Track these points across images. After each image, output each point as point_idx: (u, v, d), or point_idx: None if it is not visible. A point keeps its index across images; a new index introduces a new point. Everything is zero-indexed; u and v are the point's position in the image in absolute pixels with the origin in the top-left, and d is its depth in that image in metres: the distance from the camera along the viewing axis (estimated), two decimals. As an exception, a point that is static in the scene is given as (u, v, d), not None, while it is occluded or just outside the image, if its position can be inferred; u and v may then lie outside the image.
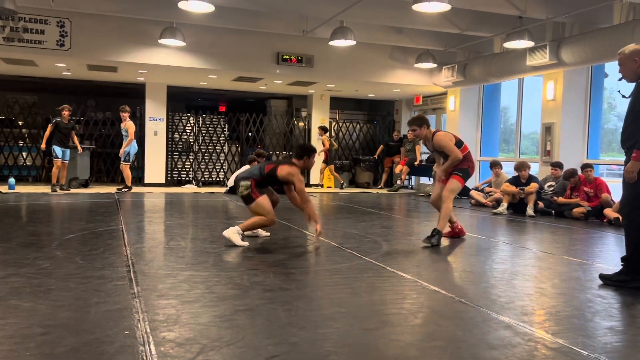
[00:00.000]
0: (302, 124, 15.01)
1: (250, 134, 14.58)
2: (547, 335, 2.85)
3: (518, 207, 8.97)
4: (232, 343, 2.60)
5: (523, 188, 8.89)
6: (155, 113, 13.06)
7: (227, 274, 4.11)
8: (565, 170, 8.75)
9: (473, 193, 10.35)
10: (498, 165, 10.17)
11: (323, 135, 13.33)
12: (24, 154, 13.23)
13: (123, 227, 6.28)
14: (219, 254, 4.85)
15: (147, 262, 4.45)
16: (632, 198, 3.98)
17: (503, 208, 8.95)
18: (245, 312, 3.11)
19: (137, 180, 12.92)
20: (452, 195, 5.76)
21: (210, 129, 14.04)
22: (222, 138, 14.15)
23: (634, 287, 3.89)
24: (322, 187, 13.89)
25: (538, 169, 10.52)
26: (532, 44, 9.14)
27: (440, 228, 5.66)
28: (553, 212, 8.80)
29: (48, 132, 10.81)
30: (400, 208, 9.91)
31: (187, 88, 14.41)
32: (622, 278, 3.98)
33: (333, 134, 15.36)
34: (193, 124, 13.87)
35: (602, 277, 4.11)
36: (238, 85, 13.70)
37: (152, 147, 13.04)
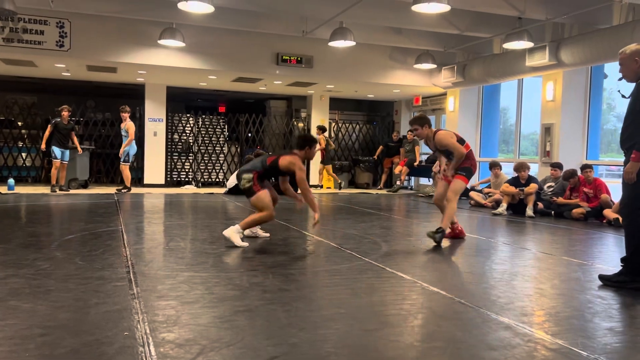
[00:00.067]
0: (301, 125, 15.01)
1: (250, 135, 14.59)
2: (546, 336, 2.85)
3: (517, 207, 8.97)
4: (231, 344, 2.60)
5: (522, 189, 8.90)
6: (155, 114, 13.06)
7: (226, 275, 4.11)
8: (565, 171, 8.75)
9: (472, 194, 10.35)
10: (497, 166, 10.17)
11: (320, 135, 13.34)
12: (24, 155, 13.22)
13: (122, 227, 6.28)
14: (219, 255, 4.85)
15: (146, 263, 4.45)
16: (631, 199, 3.98)
17: (502, 209, 8.95)
18: (245, 313, 3.11)
19: (136, 181, 12.92)
20: (456, 196, 5.82)
21: (210, 130, 14.03)
22: (221, 139, 14.15)
23: (634, 287, 3.89)
24: (321, 187, 13.89)
25: (537, 170, 10.53)
26: (531, 45, 9.15)
27: (445, 227, 5.73)
28: (552, 212, 8.81)
29: (47, 132, 10.81)
30: (400, 209, 9.90)
31: (186, 89, 14.42)
32: (621, 279, 3.98)
33: (332, 135, 15.36)
34: (192, 125, 13.87)
35: (601, 277, 4.11)
36: (237, 86, 13.70)
37: (151, 147, 13.03)
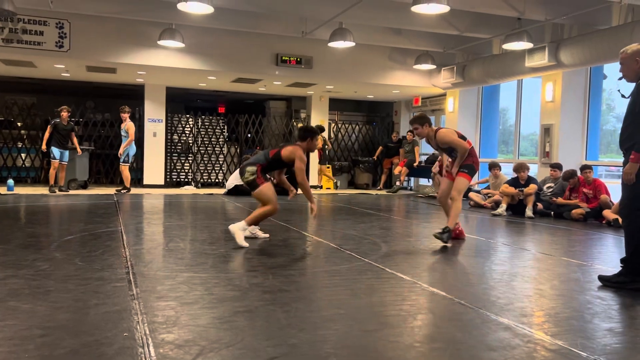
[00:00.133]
0: (301, 126, 14.99)
1: (250, 135, 14.59)
2: (546, 337, 2.85)
3: (517, 208, 8.97)
4: (231, 345, 2.60)
5: (522, 189, 8.89)
6: (154, 114, 13.06)
7: (226, 276, 4.11)
8: (565, 171, 8.75)
9: (472, 195, 10.35)
10: (497, 167, 10.17)
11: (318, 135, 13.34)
12: (23, 155, 13.21)
13: (122, 228, 6.28)
14: (218, 256, 4.84)
15: (146, 263, 4.44)
16: (630, 199, 3.98)
17: (502, 209, 8.95)
18: (245, 313, 3.11)
19: (136, 182, 12.92)
20: (460, 195, 5.83)
21: (210, 130, 14.03)
22: (221, 139, 14.15)
23: (634, 288, 3.89)
24: (320, 188, 13.90)
25: (537, 170, 10.53)
26: (531, 46, 9.16)
27: (451, 225, 5.74)
28: (552, 213, 8.81)
29: (47, 133, 10.81)
30: (400, 209, 9.90)
31: (186, 89, 14.42)
32: (621, 279, 3.97)
33: (332, 135, 15.36)
34: (192, 125, 13.87)
35: (601, 278, 4.10)
36: (237, 87, 13.70)
37: (151, 148, 13.03)
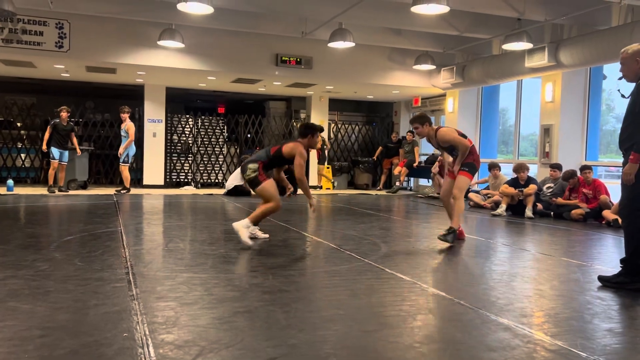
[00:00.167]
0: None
1: (249, 136, 14.59)
2: (546, 337, 2.85)
3: (517, 208, 8.97)
4: (231, 345, 2.60)
5: (522, 190, 8.89)
6: (154, 114, 13.06)
7: (225, 276, 4.11)
8: (565, 171, 8.75)
9: (471, 195, 10.35)
10: (496, 167, 10.17)
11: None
12: (23, 156, 13.21)
13: (122, 228, 6.28)
14: (218, 256, 4.84)
15: (145, 264, 4.44)
16: (630, 200, 3.98)
17: (502, 210, 8.95)
18: (244, 314, 3.11)
19: (135, 182, 12.91)
20: (462, 194, 5.84)
21: (209, 131, 14.03)
22: (221, 140, 14.15)
23: (633, 288, 3.89)
24: (320, 188, 13.90)
25: (537, 171, 10.54)
26: (530, 46, 9.16)
27: (455, 226, 5.75)
28: (552, 213, 8.81)
29: (47, 134, 10.81)
30: (399, 210, 9.90)
31: (186, 89, 14.42)
32: (621, 280, 3.98)
33: (332, 136, 15.36)
34: (192, 126, 13.86)
35: (601, 278, 4.10)
36: (237, 87, 13.70)
37: (150, 148, 13.03)
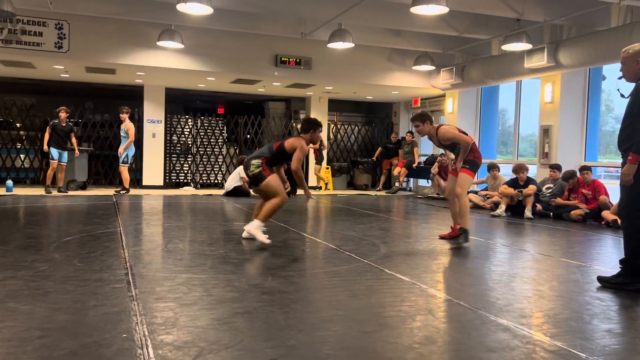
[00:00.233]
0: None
1: (249, 136, 14.59)
2: (545, 338, 2.85)
3: (516, 209, 8.97)
4: (230, 346, 2.60)
5: (521, 190, 8.90)
6: (154, 115, 13.05)
7: (225, 277, 4.10)
8: (564, 172, 8.76)
9: (471, 196, 10.33)
10: (496, 168, 10.18)
11: None
12: (22, 156, 13.21)
13: (121, 229, 6.27)
14: (217, 257, 4.84)
15: (145, 264, 4.44)
16: (629, 200, 3.98)
17: (501, 210, 8.96)
18: (244, 314, 3.11)
19: (135, 183, 12.90)
20: (464, 191, 5.83)
21: (209, 131, 14.03)
22: (220, 140, 14.15)
23: (633, 289, 3.89)
24: (320, 189, 13.89)
25: (536, 171, 10.54)
26: (530, 47, 9.16)
27: (465, 225, 5.74)
28: (551, 214, 8.81)
29: (47, 134, 10.80)
30: (399, 210, 9.91)
31: (185, 90, 14.42)
32: (620, 280, 3.98)
33: (331, 136, 15.36)
34: (191, 126, 13.87)
35: (600, 279, 4.11)
36: (236, 88, 13.70)
37: (150, 149, 13.02)
